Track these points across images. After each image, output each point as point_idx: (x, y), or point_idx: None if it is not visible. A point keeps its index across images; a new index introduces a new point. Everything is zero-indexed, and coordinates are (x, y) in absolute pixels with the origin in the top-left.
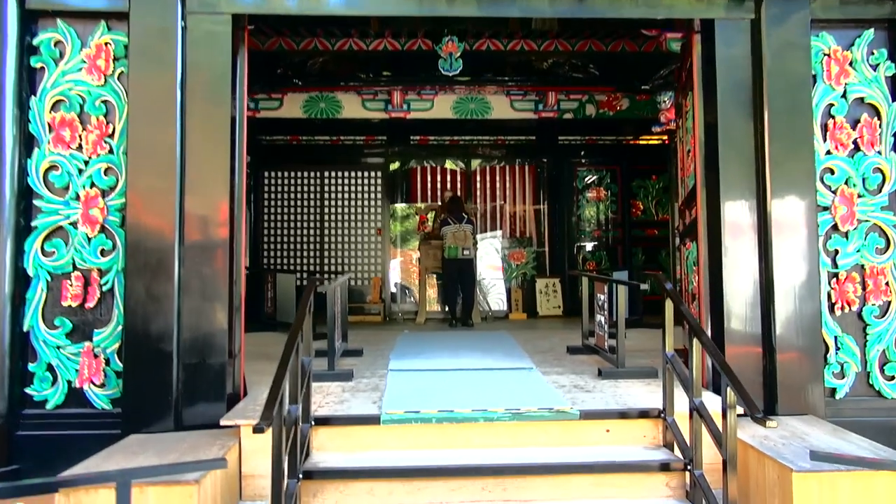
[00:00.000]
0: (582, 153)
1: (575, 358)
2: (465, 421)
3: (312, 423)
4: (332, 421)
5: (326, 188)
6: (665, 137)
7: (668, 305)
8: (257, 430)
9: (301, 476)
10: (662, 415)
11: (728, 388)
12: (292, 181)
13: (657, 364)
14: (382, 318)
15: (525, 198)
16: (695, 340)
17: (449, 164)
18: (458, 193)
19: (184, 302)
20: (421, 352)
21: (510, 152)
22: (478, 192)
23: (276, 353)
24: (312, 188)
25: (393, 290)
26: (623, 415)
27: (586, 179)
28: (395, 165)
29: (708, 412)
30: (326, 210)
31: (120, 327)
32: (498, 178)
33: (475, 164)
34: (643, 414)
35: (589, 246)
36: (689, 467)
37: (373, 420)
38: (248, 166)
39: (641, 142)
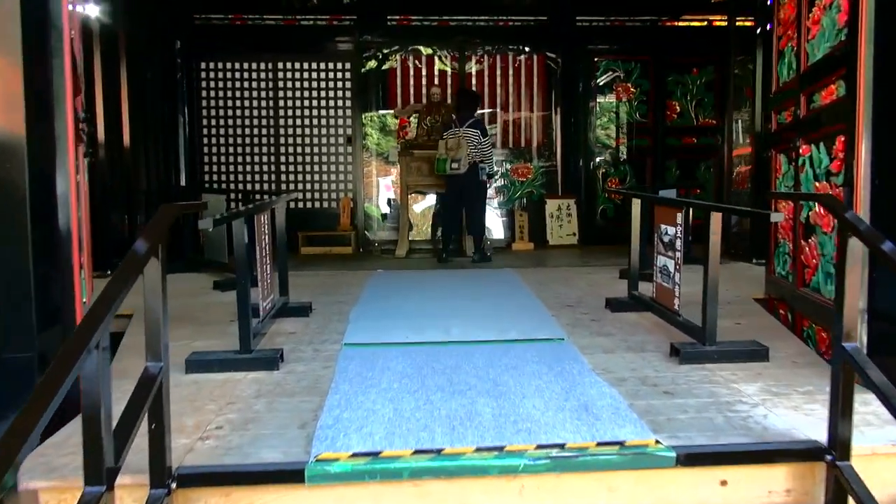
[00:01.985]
0: (605, 39)
1: (621, 318)
2: (463, 475)
3: (173, 484)
4: (213, 479)
5: (281, 84)
6: (716, 17)
7: (853, 249)
8: None
9: None
10: (829, 456)
11: None
12: (237, 75)
13: (758, 334)
14: (354, 248)
15: (533, 100)
16: None
17: (438, 65)
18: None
19: None
20: (394, 307)
21: (515, 40)
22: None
23: (193, 313)
24: (263, 84)
25: (369, 213)
26: (756, 457)
27: (610, 74)
28: (371, 64)
29: None
30: (282, 113)
31: None
32: (499, 76)
33: (471, 64)
34: (790, 453)
35: (611, 158)
36: None
37: (292, 476)
38: (178, 54)
39: (681, 24)
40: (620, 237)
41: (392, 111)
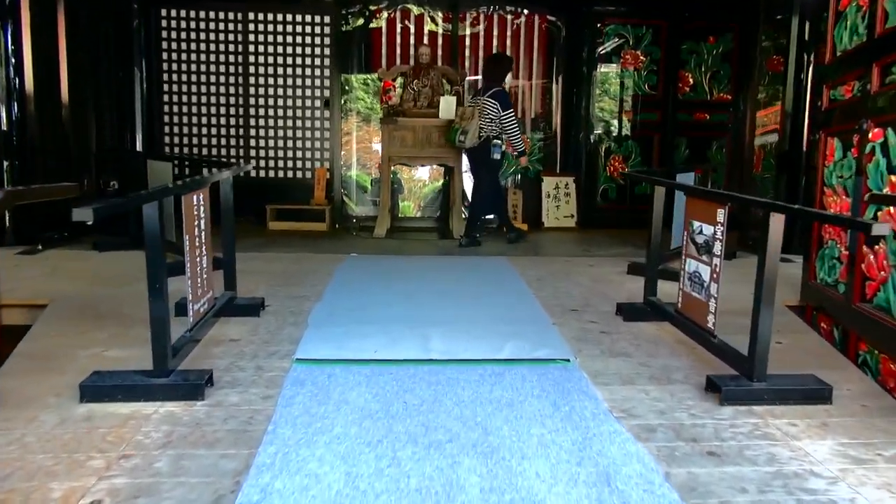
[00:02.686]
0: (614, 0)
1: (637, 331)
2: None
3: None
4: None
5: (252, 38)
6: None
7: None
8: None
9: None
10: None
11: None
12: (203, 25)
13: (805, 360)
14: (329, 225)
15: (532, 67)
16: None
17: (429, 25)
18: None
19: None
20: (363, 306)
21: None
22: (467, 61)
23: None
24: (232, 38)
25: (349, 182)
26: None
27: (616, 40)
28: (357, 22)
29: None
30: (253, 71)
31: None
32: (497, 39)
33: (464, 25)
34: None
35: (615, 133)
36: None
37: None
38: None
39: None
40: (623, 221)
41: (376, 74)
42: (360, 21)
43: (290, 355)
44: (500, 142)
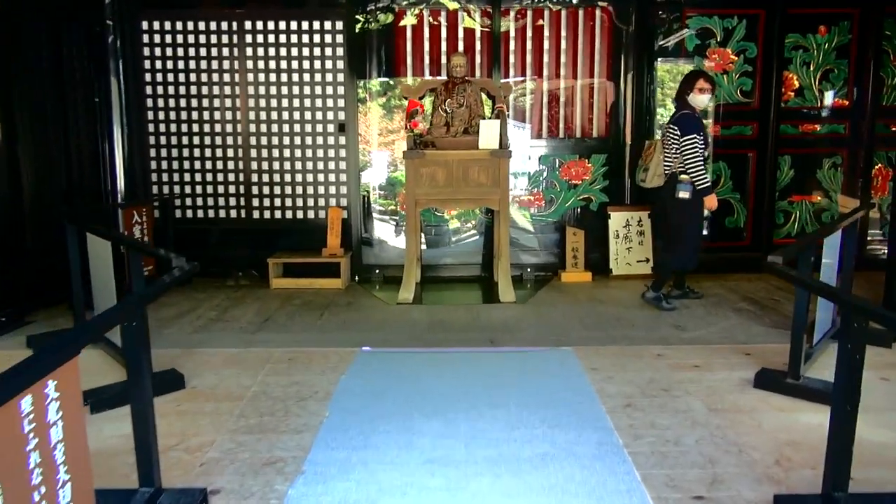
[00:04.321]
0: None
1: None
2: None
3: None
4: None
5: (249, 51)
6: None
7: None
8: None
9: None
10: None
11: None
12: (191, 39)
13: None
14: (346, 279)
15: (592, 71)
16: None
17: (466, 22)
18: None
19: None
20: (368, 478)
21: None
22: (511, 68)
23: None
24: (225, 52)
25: (368, 230)
26: None
27: (701, 35)
28: (375, 22)
29: None
30: (251, 91)
31: None
32: (549, 37)
33: (507, 20)
34: None
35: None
36: None
37: None
38: (109, 9)
39: None
40: (714, 263)
41: (397, 81)
42: (381, 22)
43: None
44: (685, 179)
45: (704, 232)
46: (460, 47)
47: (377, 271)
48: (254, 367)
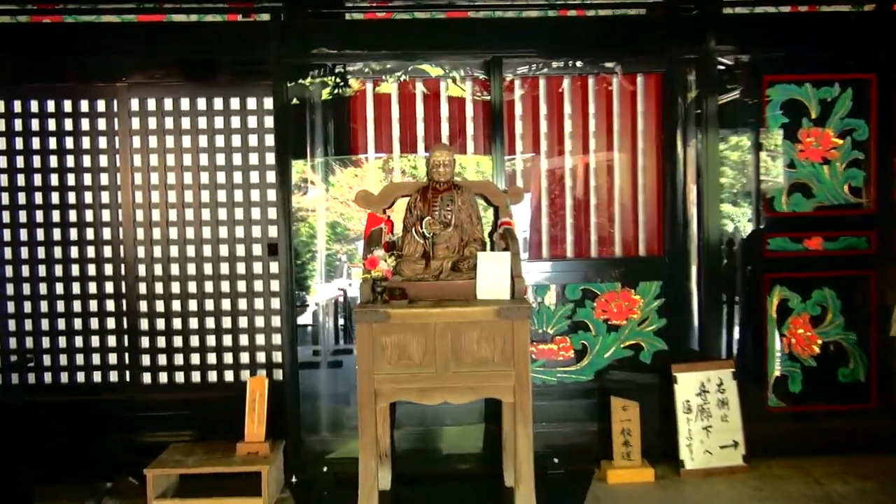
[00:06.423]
0: (775, 40)
1: None
2: None
3: None
4: None
5: (137, 141)
6: None
7: None
8: None
9: None
10: None
11: None
12: (50, 125)
13: None
14: (276, 491)
15: (636, 163)
16: None
17: (450, 89)
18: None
19: None
20: None
21: (600, 47)
22: (517, 140)
23: None
24: (102, 144)
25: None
26: None
27: (789, 110)
28: (325, 93)
29: None
30: (140, 198)
31: None
32: (571, 105)
33: (511, 74)
34: None
35: (791, 272)
36: None
37: None
38: None
39: None
40: (826, 439)
41: (352, 199)
42: (327, 92)
43: None
44: None
45: None
46: (444, 114)
47: (325, 469)
48: None
